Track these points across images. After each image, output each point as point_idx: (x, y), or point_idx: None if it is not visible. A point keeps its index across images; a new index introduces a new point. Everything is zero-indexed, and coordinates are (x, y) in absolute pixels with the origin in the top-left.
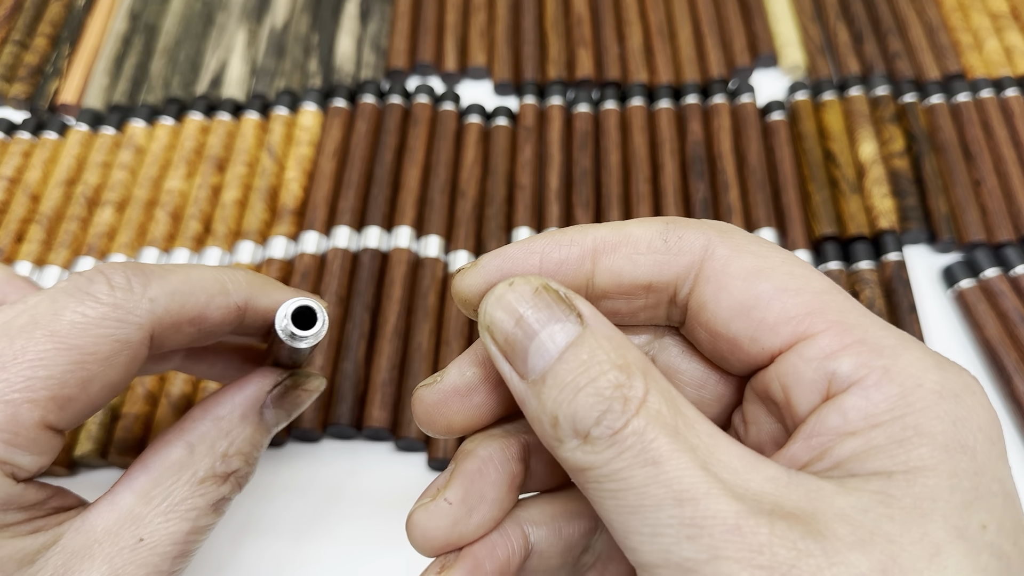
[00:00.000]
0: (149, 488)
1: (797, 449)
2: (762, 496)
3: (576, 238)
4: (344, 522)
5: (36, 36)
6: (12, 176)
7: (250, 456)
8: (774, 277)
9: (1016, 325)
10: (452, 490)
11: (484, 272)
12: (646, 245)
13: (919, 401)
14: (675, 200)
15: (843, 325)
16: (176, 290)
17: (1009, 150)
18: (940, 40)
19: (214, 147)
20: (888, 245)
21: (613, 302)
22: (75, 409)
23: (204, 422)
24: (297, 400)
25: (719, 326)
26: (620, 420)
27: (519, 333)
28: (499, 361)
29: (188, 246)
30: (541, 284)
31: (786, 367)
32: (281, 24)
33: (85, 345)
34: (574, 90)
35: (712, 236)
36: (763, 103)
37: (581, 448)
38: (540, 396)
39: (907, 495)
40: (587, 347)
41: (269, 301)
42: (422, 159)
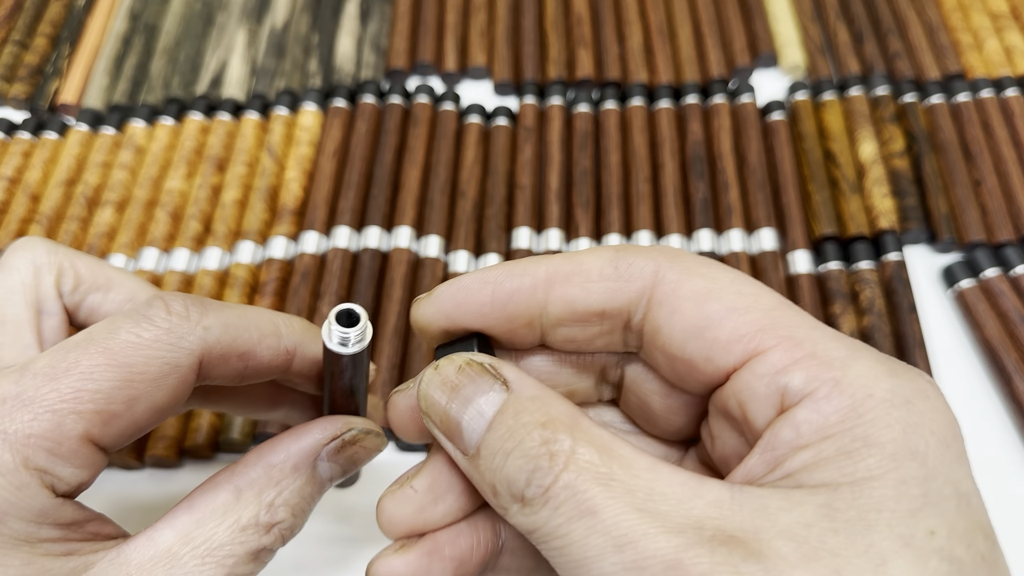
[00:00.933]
0: (190, 529)
1: (754, 463)
2: (705, 522)
3: (528, 268)
4: (344, 522)
5: (36, 36)
6: (12, 176)
7: (297, 508)
8: (724, 297)
9: (1016, 325)
10: (420, 479)
11: (438, 302)
12: (597, 273)
13: (869, 411)
14: (675, 200)
15: (793, 340)
16: (230, 323)
17: (1009, 150)
18: (940, 40)
19: (214, 147)
20: (888, 245)
21: (569, 330)
22: (119, 427)
23: (256, 468)
24: (354, 457)
25: (674, 348)
26: (548, 477)
27: (451, 412)
28: (442, 441)
29: (188, 246)
30: (464, 361)
31: (740, 384)
32: (281, 24)
33: (135, 364)
34: (574, 90)
35: (661, 261)
36: (763, 103)
37: (522, 512)
38: (478, 468)
39: (851, 507)
40: (511, 412)
41: (320, 350)
42: (422, 159)
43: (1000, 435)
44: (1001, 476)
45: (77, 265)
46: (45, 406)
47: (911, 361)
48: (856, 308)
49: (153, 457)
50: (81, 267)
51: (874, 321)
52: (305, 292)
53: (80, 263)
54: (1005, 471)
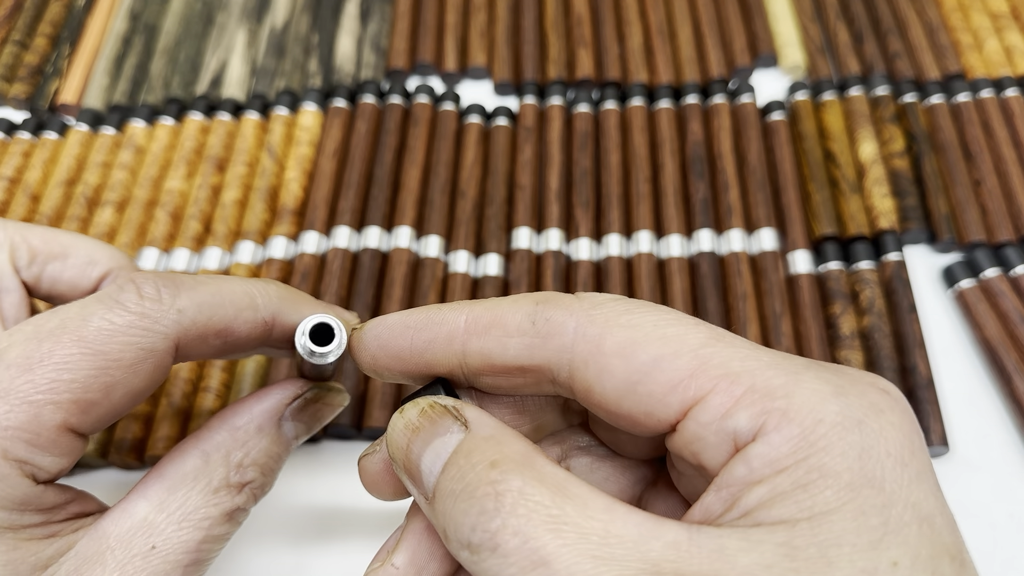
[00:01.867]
0: (163, 497)
1: (710, 501)
2: (662, 565)
3: (448, 316)
4: (344, 522)
5: (36, 36)
6: (12, 176)
7: (265, 467)
8: (649, 346)
9: (1016, 325)
10: (399, 554)
11: (365, 341)
12: (515, 327)
13: (821, 439)
14: (675, 200)
15: (728, 377)
16: (204, 302)
17: (1009, 150)
18: (940, 40)
19: (214, 147)
20: (888, 245)
21: (493, 379)
22: (97, 414)
23: (220, 432)
24: (318, 414)
25: (611, 407)
26: (495, 521)
27: (411, 455)
28: (409, 487)
29: (188, 246)
30: (428, 404)
31: (688, 435)
32: (281, 24)
33: (110, 351)
34: (574, 90)
35: (580, 316)
36: (763, 103)
37: (471, 560)
38: (434, 512)
39: (811, 543)
40: (464, 452)
41: (299, 317)
42: (422, 159)
43: (1000, 435)
44: (1001, 476)
45: (29, 237)
46: (21, 397)
47: (911, 361)
48: (856, 308)
49: (153, 457)
50: (33, 239)
51: (874, 321)
52: (305, 292)
53: (32, 235)
54: (1005, 471)
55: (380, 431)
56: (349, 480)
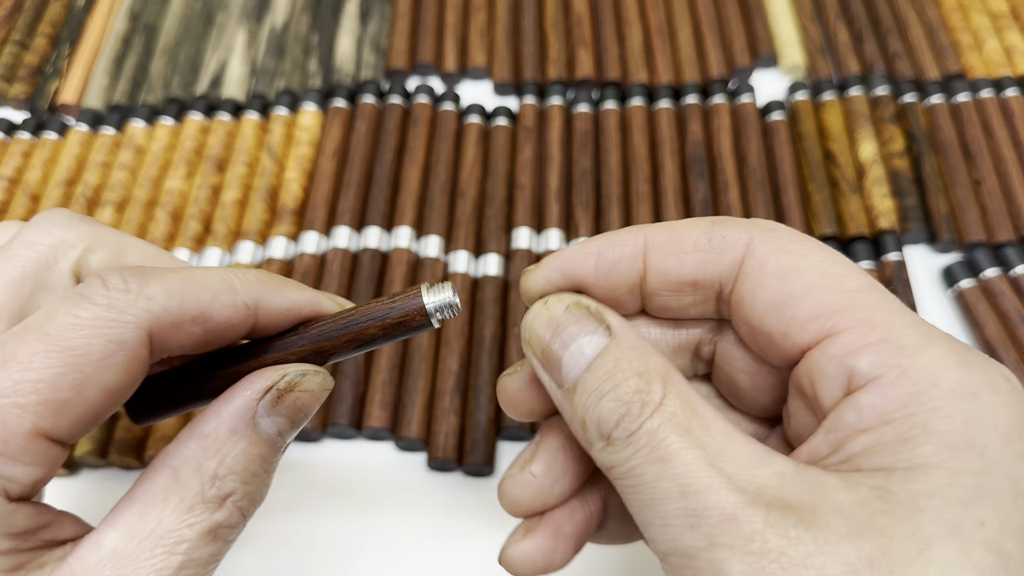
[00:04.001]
0: (133, 523)
1: (817, 443)
2: (765, 489)
3: (628, 238)
4: (344, 522)
5: (36, 36)
6: (12, 176)
7: (246, 474)
8: (808, 275)
9: (1016, 325)
10: (537, 464)
11: (545, 273)
12: (692, 244)
13: (932, 400)
14: (675, 200)
15: (869, 323)
16: (175, 288)
17: (1009, 150)
18: (940, 40)
19: (214, 147)
20: (888, 245)
21: (664, 298)
22: (72, 415)
23: (189, 443)
24: (298, 403)
25: (755, 321)
26: (636, 423)
27: (554, 347)
28: (540, 372)
29: (188, 246)
30: (572, 301)
31: (811, 363)
32: (281, 24)
33: (77, 346)
34: (574, 90)
35: (754, 234)
36: (763, 103)
37: (606, 449)
38: (572, 402)
39: (904, 491)
40: (612, 357)
41: (284, 300)
42: (422, 159)
43: None
44: None
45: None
46: None
47: None
48: None
49: (152, 457)
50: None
51: None
52: None
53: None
54: None
55: (380, 431)
56: (349, 479)
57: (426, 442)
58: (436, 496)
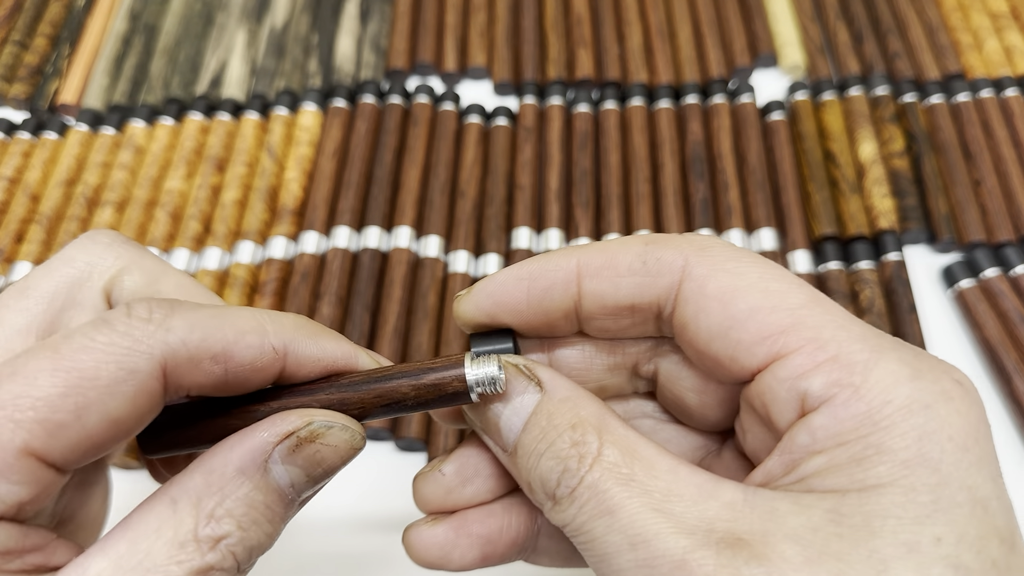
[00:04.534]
0: (123, 550)
1: (772, 464)
2: (715, 524)
3: (560, 263)
4: (344, 522)
5: (36, 36)
6: (12, 176)
7: (244, 519)
8: (749, 296)
9: (1016, 325)
10: (448, 463)
11: (476, 300)
12: (626, 268)
13: (885, 419)
14: (675, 200)
15: (817, 342)
16: (199, 322)
17: (1009, 150)
18: (940, 40)
19: (214, 147)
20: (888, 245)
21: (601, 321)
22: (68, 439)
23: (195, 475)
24: (317, 457)
25: (700, 346)
26: (576, 478)
27: (490, 412)
28: (484, 438)
29: (188, 246)
30: (500, 363)
31: (763, 387)
32: (281, 24)
33: (85, 369)
34: (574, 90)
35: (690, 255)
36: (763, 103)
37: (554, 509)
38: (516, 465)
39: (858, 513)
40: (545, 413)
41: (317, 349)
42: (422, 159)
43: (1000, 435)
44: None
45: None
46: None
47: None
48: (856, 308)
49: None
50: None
51: (874, 321)
52: (305, 292)
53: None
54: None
55: (380, 431)
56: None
57: (426, 442)
58: None
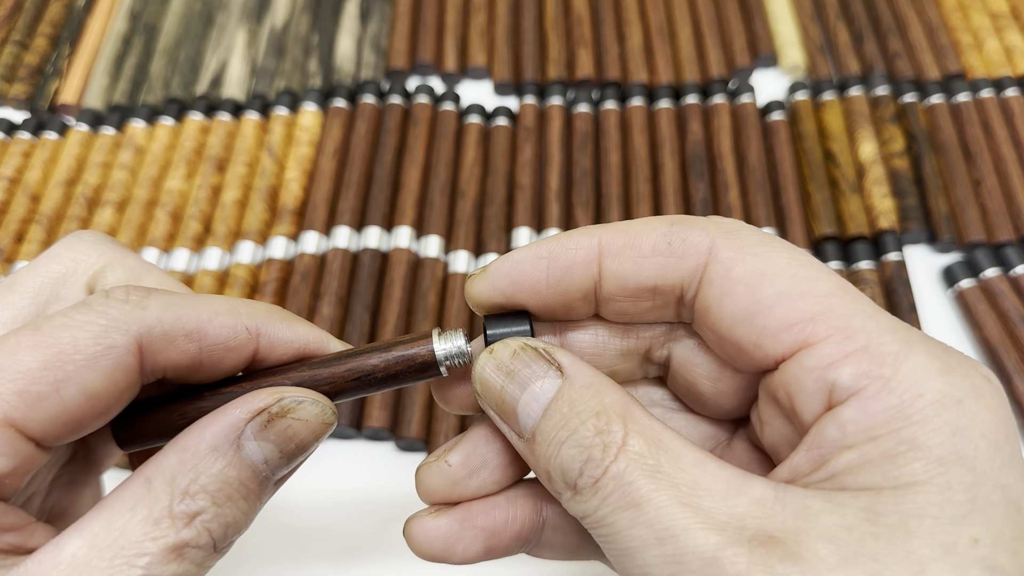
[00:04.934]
0: (98, 529)
1: (799, 460)
2: (746, 520)
3: (581, 242)
4: (344, 522)
5: (36, 36)
6: (12, 176)
7: (218, 495)
8: (778, 281)
9: (1016, 325)
10: (454, 453)
11: (492, 279)
12: (650, 248)
13: (917, 413)
14: (675, 200)
15: (846, 331)
16: (174, 302)
17: (1009, 150)
18: (940, 40)
19: (214, 147)
20: (888, 245)
21: (620, 303)
22: (47, 411)
23: (169, 454)
24: (289, 432)
25: (723, 331)
26: (600, 468)
27: (507, 397)
28: (498, 423)
29: (188, 246)
30: (519, 346)
31: (788, 376)
32: (281, 24)
33: (64, 345)
34: (574, 90)
35: (717, 237)
36: (763, 103)
37: (574, 499)
38: (533, 452)
39: (894, 512)
40: (567, 399)
41: (289, 332)
42: (422, 159)
43: None
44: None
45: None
46: None
47: None
48: None
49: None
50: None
51: None
52: (305, 292)
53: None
54: None
55: (380, 431)
56: (349, 479)
57: (426, 442)
58: None
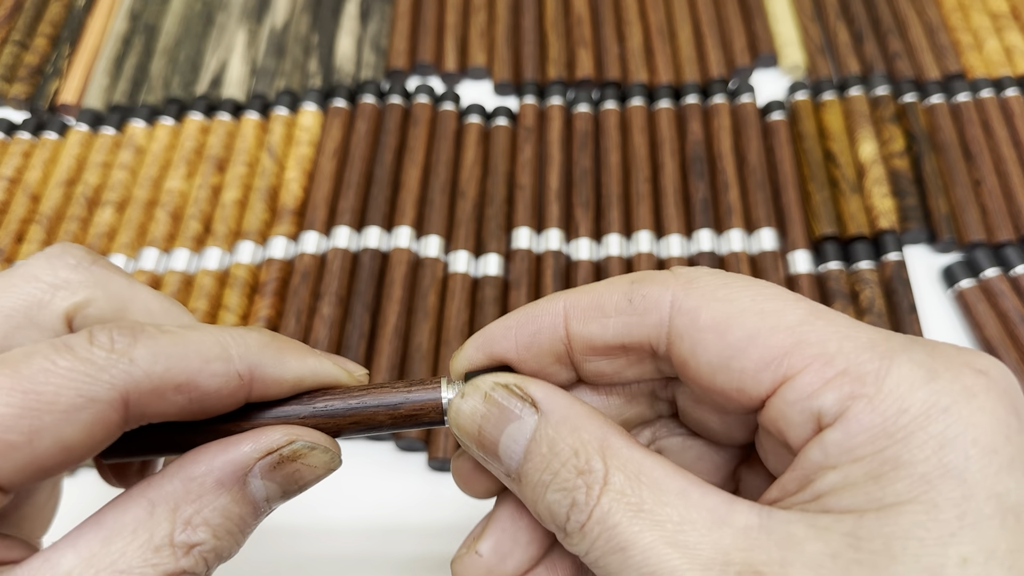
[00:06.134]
0: (96, 549)
1: (787, 480)
2: (732, 555)
3: (547, 307)
4: (344, 522)
5: (36, 36)
6: (12, 176)
7: (220, 529)
8: (745, 321)
9: (1016, 325)
10: (484, 541)
11: (468, 354)
12: (613, 307)
13: (900, 431)
14: (675, 200)
15: (823, 358)
16: (162, 352)
17: (1009, 150)
18: (940, 40)
19: (214, 147)
20: (888, 245)
21: (595, 364)
22: (17, 461)
23: (174, 480)
24: (296, 475)
25: (704, 381)
26: (584, 513)
27: (485, 441)
28: (486, 464)
29: (188, 246)
30: (489, 386)
31: (774, 412)
32: (281, 24)
33: (44, 392)
34: (574, 90)
35: (676, 290)
36: (763, 103)
37: (566, 540)
38: (522, 493)
39: (877, 536)
40: (545, 440)
41: (283, 370)
42: (422, 159)
43: None
44: None
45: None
46: None
47: None
48: (856, 308)
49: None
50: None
51: (874, 321)
52: (305, 292)
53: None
54: None
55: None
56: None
57: (426, 442)
58: (436, 496)
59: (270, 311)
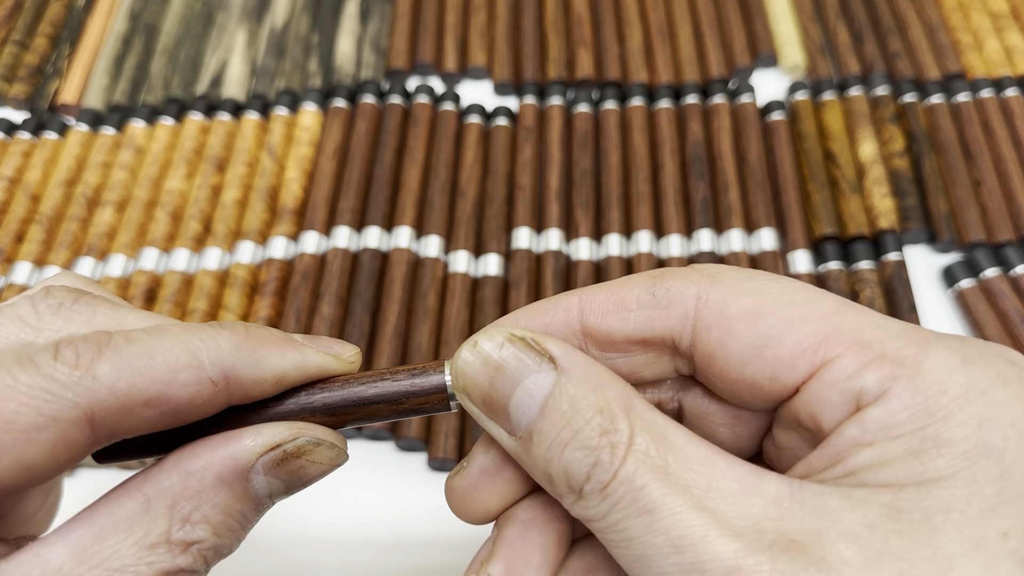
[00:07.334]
0: (88, 544)
1: (813, 458)
2: (763, 523)
3: (561, 302)
4: (344, 522)
5: (36, 36)
6: (12, 176)
7: (219, 527)
8: (777, 311)
9: (1016, 325)
10: (494, 564)
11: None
12: (635, 301)
13: (941, 410)
14: (675, 200)
15: (860, 344)
16: (128, 366)
17: (1009, 150)
18: (940, 40)
19: (214, 147)
20: (888, 245)
21: (612, 360)
22: None
23: (171, 474)
24: (300, 472)
25: (733, 372)
26: (609, 472)
27: (496, 395)
28: (483, 422)
29: (188, 246)
30: (505, 337)
31: (810, 396)
32: (281, 24)
33: (3, 411)
34: (574, 90)
35: (702, 284)
36: (763, 103)
37: (579, 503)
38: (531, 454)
39: (917, 508)
40: (566, 396)
41: (262, 371)
42: (422, 159)
43: None
44: None
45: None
46: None
47: None
48: None
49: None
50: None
51: None
52: (305, 292)
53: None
54: None
55: (380, 431)
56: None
57: (426, 442)
58: (436, 496)
59: (270, 311)
